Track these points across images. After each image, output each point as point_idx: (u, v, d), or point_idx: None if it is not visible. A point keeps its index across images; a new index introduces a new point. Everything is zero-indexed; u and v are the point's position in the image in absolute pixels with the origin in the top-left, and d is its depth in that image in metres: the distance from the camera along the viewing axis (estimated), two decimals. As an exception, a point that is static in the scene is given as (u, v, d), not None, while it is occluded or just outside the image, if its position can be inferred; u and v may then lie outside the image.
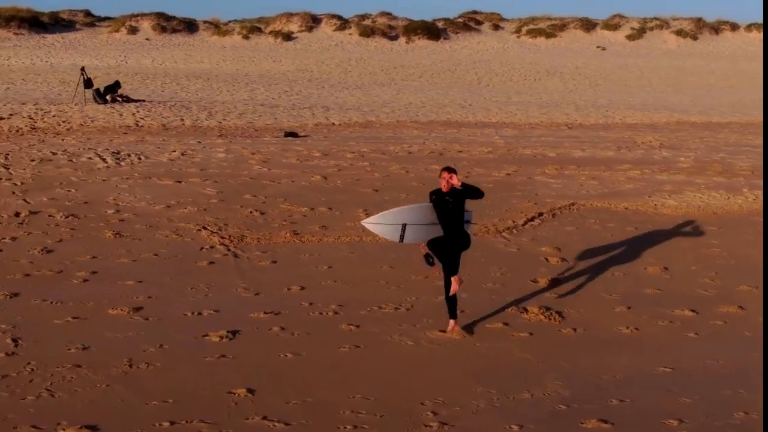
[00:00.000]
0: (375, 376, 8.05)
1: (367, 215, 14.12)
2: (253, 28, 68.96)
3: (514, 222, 13.99)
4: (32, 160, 17.35)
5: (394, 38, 70.14)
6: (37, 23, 63.59)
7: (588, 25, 76.00)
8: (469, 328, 9.31)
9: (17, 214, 13.21)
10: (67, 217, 13.15)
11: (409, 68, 52.84)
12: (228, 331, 8.96)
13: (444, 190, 9.18)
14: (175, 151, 19.13)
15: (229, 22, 71.12)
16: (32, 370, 7.87)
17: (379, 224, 9.81)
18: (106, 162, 17.47)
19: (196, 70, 46.70)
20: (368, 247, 12.40)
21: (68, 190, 14.89)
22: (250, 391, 7.60)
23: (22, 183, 15.31)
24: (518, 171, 18.22)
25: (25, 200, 14.09)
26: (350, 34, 70.65)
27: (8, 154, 18.00)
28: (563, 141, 23.45)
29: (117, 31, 66.07)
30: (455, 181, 9.11)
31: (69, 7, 69.16)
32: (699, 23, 76.20)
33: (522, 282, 11.06)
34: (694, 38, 74.81)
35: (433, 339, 9.02)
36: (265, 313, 9.58)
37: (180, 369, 8.06)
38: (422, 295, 10.32)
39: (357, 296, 10.31)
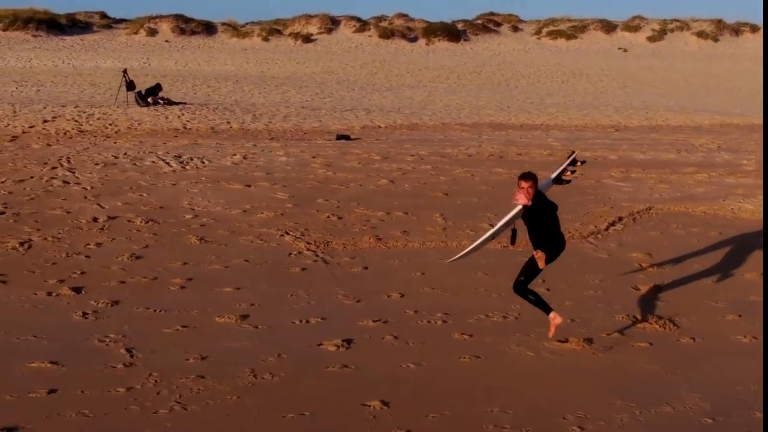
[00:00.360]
0: (505, 389, 7.79)
1: (445, 220, 13.95)
2: (272, 30, 68.82)
3: (596, 227, 13.73)
4: (96, 164, 17.17)
5: (413, 40, 69.95)
6: (54, 25, 63.51)
7: (608, 26, 75.63)
8: (588, 339, 9.05)
9: (95, 219, 13.01)
10: (146, 222, 12.96)
11: (434, 70, 52.62)
12: (342, 340, 8.72)
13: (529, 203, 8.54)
14: (236, 154, 18.94)
15: (246, 24, 71.01)
16: (156, 381, 7.65)
17: (469, 253, 9.57)
18: (171, 166, 17.28)
19: (221, 72, 46.59)
20: (455, 254, 12.14)
21: (140, 195, 14.71)
22: (385, 403, 7.35)
23: (91, 187, 15.11)
24: (584, 174, 17.93)
25: (99, 205, 13.89)
26: (369, 36, 70.51)
27: (69, 158, 17.83)
28: (619, 143, 23.19)
29: (136, 33, 65.97)
30: (524, 197, 8.47)
31: (83, 9, 69.07)
32: (719, 25, 75.68)
33: (623, 289, 10.80)
34: (715, 40, 74.34)
35: (553, 349, 8.77)
36: (374, 321, 9.34)
37: (305, 380, 7.82)
38: (526, 304, 10.02)
39: (459, 304, 10.06)
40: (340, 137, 22.37)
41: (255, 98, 32.93)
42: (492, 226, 13.61)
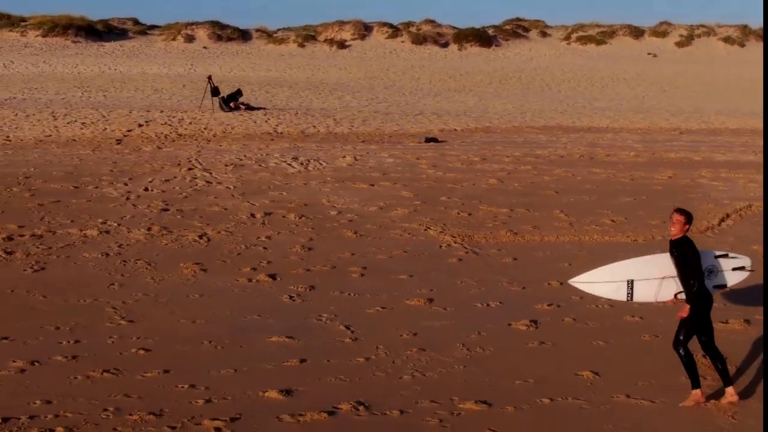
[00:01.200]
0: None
1: (566, 216, 14.94)
2: (307, 36, 69.90)
3: (709, 222, 14.71)
4: (226, 165, 18.34)
5: (445, 45, 70.81)
6: (92, 31, 64.53)
7: (636, 32, 76.18)
8: (746, 320, 10.01)
9: (253, 215, 14.12)
10: (300, 218, 14.05)
11: (474, 75, 53.46)
12: (530, 321, 9.74)
13: (672, 237, 7.91)
14: (345, 156, 20.10)
15: (278, 30, 72.09)
16: (386, 353, 8.67)
17: (596, 283, 8.68)
18: (294, 167, 18.43)
19: (268, 78, 47.44)
20: (591, 247, 13.13)
21: (280, 193, 15.84)
22: (595, 373, 8.35)
23: (234, 187, 16.27)
24: (677, 174, 18.99)
25: (249, 202, 15.02)
26: (402, 42, 71.39)
27: (198, 159, 18.99)
28: (696, 145, 24.21)
29: (173, 39, 66.92)
30: (673, 229, 7.81)
31: (112, 15, 70.22)
32: (745, 30, 75.97)
33: (758, 278, 11.71)
34: (742, 45, 74.78)
35: (720, 329, 9.58)
36: (548, 305, 10.34)
37: (512, 353, 8.83)
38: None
39: (615, 291, 11.03)
40: (428, 140, 23.45)
41: (315, 103, 33.96)
42: (613, 221, 14.70)
